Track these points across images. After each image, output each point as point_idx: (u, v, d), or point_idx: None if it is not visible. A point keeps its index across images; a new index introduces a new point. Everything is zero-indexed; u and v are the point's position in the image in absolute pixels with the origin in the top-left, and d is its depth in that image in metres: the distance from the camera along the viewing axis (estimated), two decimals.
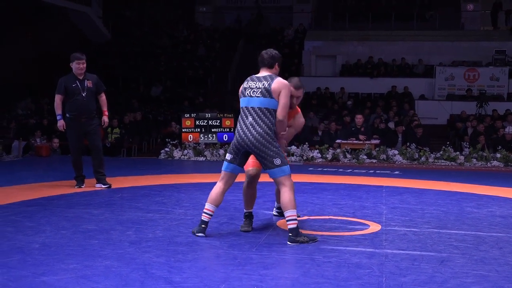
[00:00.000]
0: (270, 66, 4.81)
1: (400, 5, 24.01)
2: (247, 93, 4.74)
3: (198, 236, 4.77)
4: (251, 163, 5.03)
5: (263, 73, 4.81)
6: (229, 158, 4.82)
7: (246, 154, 4.78)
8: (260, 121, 4.65)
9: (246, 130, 4.66)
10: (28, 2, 19.52)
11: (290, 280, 3.65)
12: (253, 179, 5.10)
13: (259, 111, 4.66)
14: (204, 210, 4.82)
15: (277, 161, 4.58)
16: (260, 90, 4.68)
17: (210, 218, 4.84)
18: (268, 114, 4.66)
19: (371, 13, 22.90)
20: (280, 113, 4.65)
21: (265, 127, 4.64)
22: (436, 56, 20.94)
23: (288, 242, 4.55)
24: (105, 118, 7.70)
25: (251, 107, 4.70)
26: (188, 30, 24.74)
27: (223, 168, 4.86)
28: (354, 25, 22.86)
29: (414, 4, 24.03)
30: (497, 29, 22.67)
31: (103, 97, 7.71)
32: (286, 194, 4.59)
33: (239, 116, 4.81)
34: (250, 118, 4.68)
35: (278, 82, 4.67)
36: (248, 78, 4.85)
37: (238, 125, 4.79)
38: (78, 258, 4.04)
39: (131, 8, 26.42)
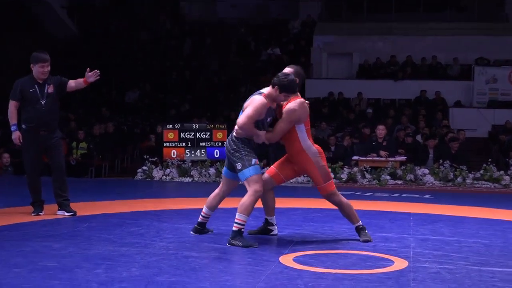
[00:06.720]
0: (272, 85, 5.93)
1: None
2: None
3: (191, 233, 6.26)
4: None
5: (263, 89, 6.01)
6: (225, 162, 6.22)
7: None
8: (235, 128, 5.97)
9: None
10: None
11: None
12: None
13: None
14: (201, 213, 6.25)
15: (238, 166, 5.83)
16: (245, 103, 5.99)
17: (205, 220, 6.26)
18: None
19: (395, 2, 22.99)
20: (239, 121, 5.83)
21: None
22: (474, 54, 20.96)
23: (227, 243, 5.80)
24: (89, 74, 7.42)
25: None
26: (171, 23, 24.83)
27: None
28: (374, 17, 22.95)
29: None
30: None
31: (71, 83, 7.54)
32: (245, 198, 5.81)
33: None
34: None
35: (252, 99, 5.90)
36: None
37: None
38: None
39: None
